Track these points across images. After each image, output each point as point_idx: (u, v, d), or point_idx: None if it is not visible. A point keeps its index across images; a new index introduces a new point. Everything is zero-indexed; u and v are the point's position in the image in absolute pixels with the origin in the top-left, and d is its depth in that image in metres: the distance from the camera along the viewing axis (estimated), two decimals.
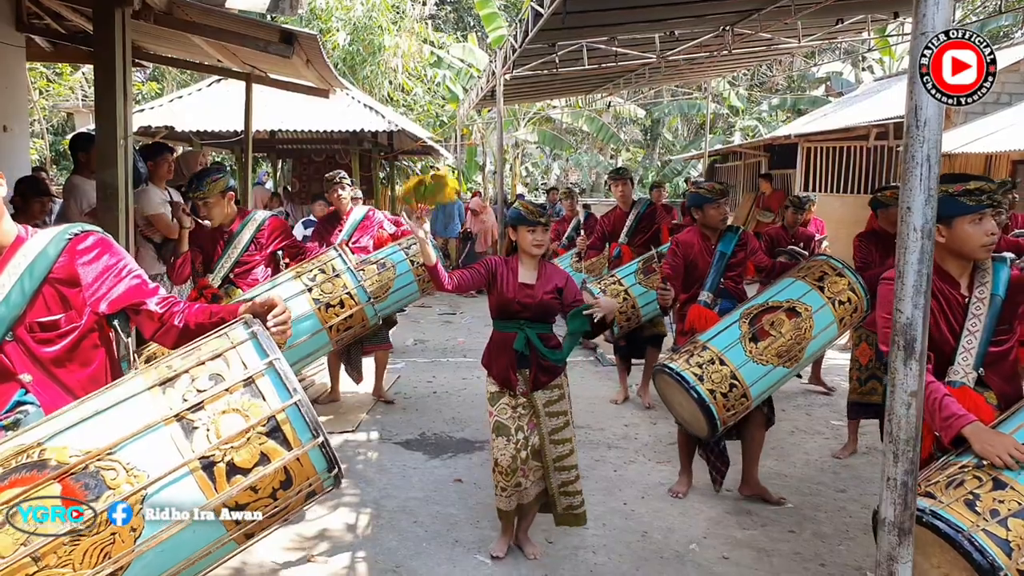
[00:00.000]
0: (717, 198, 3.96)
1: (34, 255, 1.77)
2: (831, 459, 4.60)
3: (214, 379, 1.57)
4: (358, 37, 16.00)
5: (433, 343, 8.04)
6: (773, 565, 3.32)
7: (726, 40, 7.55)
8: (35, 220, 4.46)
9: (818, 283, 3.57)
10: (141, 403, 1.54)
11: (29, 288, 1.75)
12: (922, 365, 1.75)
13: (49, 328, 1.78)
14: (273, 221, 4.00)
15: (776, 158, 14.04)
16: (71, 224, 1.88)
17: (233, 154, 12.75)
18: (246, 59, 6.04)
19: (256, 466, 1.51)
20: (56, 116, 16.74)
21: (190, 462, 1.48)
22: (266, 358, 1.60)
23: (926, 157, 1.68)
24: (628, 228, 5.72)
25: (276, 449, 1.53)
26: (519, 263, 3.23)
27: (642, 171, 25.10)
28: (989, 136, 8.90)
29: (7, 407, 1.73)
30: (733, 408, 3.32)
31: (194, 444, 1.49)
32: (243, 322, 1.71)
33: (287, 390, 1.56)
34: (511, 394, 3.22)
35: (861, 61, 20.00)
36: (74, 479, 1.44)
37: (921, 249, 1.72)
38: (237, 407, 1.53)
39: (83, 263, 1.82)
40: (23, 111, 6.31)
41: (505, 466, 3.17)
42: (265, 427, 1.53)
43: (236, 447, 1.51)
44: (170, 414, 1.51)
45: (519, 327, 3.18)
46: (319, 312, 3.63)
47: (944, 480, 1.91)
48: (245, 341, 1.64)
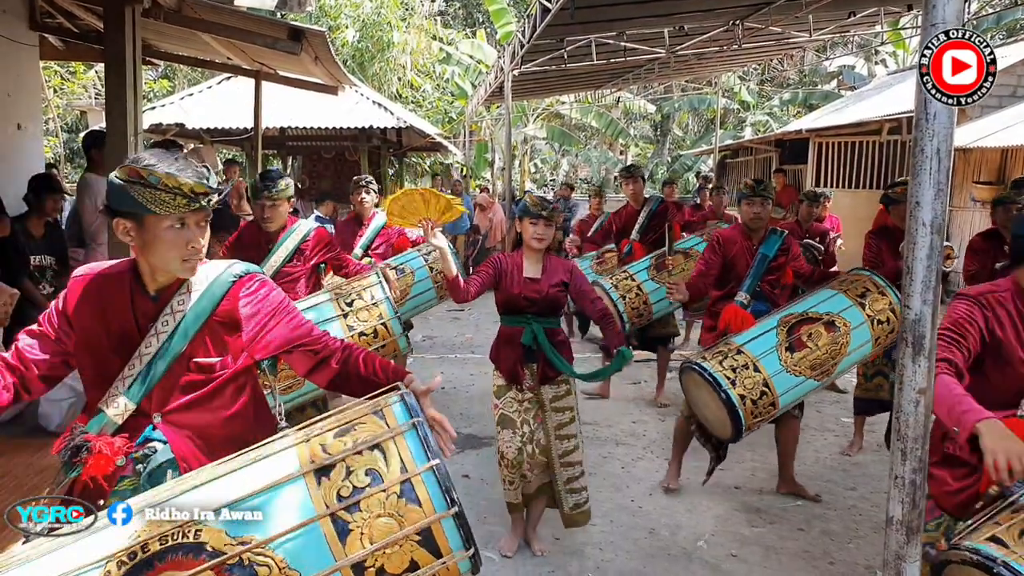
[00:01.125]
0: (748, 194, 3.87)
1: (201, 291, 1.74)
2: (841, 457, 4.57)
3: (371, 475, 1.49)
4: (367, 34, 16.04)
5: (441, 339, 8.06)
6: (782, 563, 3.31)
7: (736, 34, 7.50)
8: (47, 216, 4.51)
9: (860, 299, 3.51)
10: (297, 493, 1.48)
11: (193, 328, 1.72)
12: (931, 362, 1.73)
13: (205, 370, 1.74)
14: (319, 232, 3.90)
15: (787, 153, 13.94)
16: (233, 263, 1.82)
17: (243, 151, 12.80)
18: (255, 56, 6.06)
19: (405, 572, 1.45)
20: (70, 114, 16.85)
21: (343, 567, 1.43)
22: (426, 461, 1.50)
23: (935, 151, 1.66)
24: (640, 225, 5.66)
25: (427, 557, 1.46)
26: (523, 258, 3.22)
27: (652, 167, 24.99)
28: (1005, 129, 8.81)
29: (139, 439, 1.71)
30: (760, 415, 3.28)
31: (348, 547, 1.44)
32: (401, 401, 1.60)
33: (445, 500, 1.47)
34: (518, 388, 3.23)
35: (874, 55, 19.83)
36: (228, 570, 1.40)
37: (930, 244, 1.70)
38: (393, 512, 1.46)
39: (244, 304, 1.76)
40: (37, 109, 6.36)
41: (511, 458, 3.18)
42: (419, 535, 1.46)
43: (388, 553, 1.44)
44: (326, 512, 1.44)
45: (526, 321, 3.19)
46: (352, 340, 3.55)
47: (1017, 527, 1.72)
48: (404, 432, 1.55)
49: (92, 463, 1.64)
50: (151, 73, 15.55)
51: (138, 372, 1.69)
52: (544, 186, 24.38)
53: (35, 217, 4.43)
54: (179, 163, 1.64)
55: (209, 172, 1.67)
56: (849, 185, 11.78)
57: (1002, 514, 1.79)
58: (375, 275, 3.78)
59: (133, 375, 1.69)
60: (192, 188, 1.60)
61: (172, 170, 1.59)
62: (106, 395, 1.71)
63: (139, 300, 1.72)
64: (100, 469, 1.64)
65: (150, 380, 1.70)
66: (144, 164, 1.60)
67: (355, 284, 3.76)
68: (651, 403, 5.60)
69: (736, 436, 3.32)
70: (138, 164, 1.60)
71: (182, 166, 1.63)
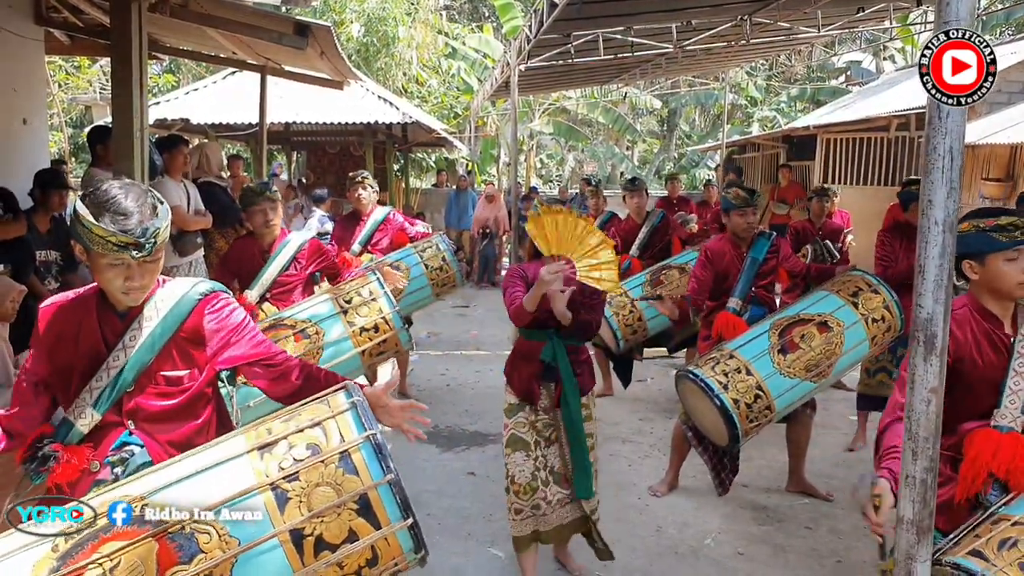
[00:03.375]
0: (741, 205, 3.81)
1: (167, 308, 1.81)
2: (847, 454, 4.56)
3: (311, 448, 1.56)
4: (372, 28, 16.00)
5: (446, 336, 8.05)
6: (789, 561, 3.30)
7: (744, 30, 7.45)
8: (54, 212, 4.51)
9: (852, 299, 3.50)
10: (240, 467, 1.55)
11: (160, 343, 1.79)
12: (943, 361, 1.71)
13: (174, 383, 1.82)
14: (313, 243, 3.97)
15: (795, 149, 13.87)
16: (199, 281, 1.91)
17: (248, 146, 12.82)
18: (261, 51, 6.05)
19: (344, 542, 1.50)
20: (75, 109, 16.87)
21: (281, 533, 1.48)
22: (363, 431, 1.58)
23: (948, 149, 1.64)
24: (640, 241, 5.57)
25: (365, 526, 1.51)
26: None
27: (658, 162, 24.92)
28: (1015, 126, 8.74)
29: (114, 445, 1.79)
30: (756, 420, 3.25)
31: (286, 515, 1.49)
32: (345, 390, 1.70)
33: (381, 467, 1.53)
34: (531, 408, 2.97)
35: (882, 50, 19.70)
36: (170, 539, 1.45)
37: (942, 243, 1.68)
38: (331, 480, 1.52)
39: (209, 321, 1.85)
40: (42, 104, 6.37)
41: (524, 483, 2.91)
42: (356, 503, 1.51)
43: (327, 521, 1.49)
44: (266, 482, 1.51)
45: (548, 337, 2.92)
46: (353, 336, 3.59)
47: (996, 538, 1.75)
48: (345, 411, 1.63)
49: (59, 471, 1.72)
50: (156, 67, 15.56)
51: (105, 384, 1.77)
52: (550, 181, 24.33)
53: (41, 212, 4.43)
54: (127, 200, 1.66)
55: (158, 216, 1.70)
56: (857, 182, 11.71)
57: (982, 526, 1.82)
58: (372, 273, 3.81)
59: (100, 387, 1.77)
60: (120, 241, 1.63)
61: (105, 222, 1.62)
62: (73, 405, 1.78)
63: (107, 318, 1.80)
64: (66, 476, 1.73)
65: (117, 392, 1.77)
66: (86, 204, 1.64)
67: (353, 283, 3.79)
68: (657, 402, 5.59)
69: (733, 442, 3.29)
70: (81, 205, 1.65)
71: (125, 208, 1.64)
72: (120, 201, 1.65)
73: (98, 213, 1.63)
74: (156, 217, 1.69)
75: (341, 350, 3.55)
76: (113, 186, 1.69)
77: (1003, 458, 1.97)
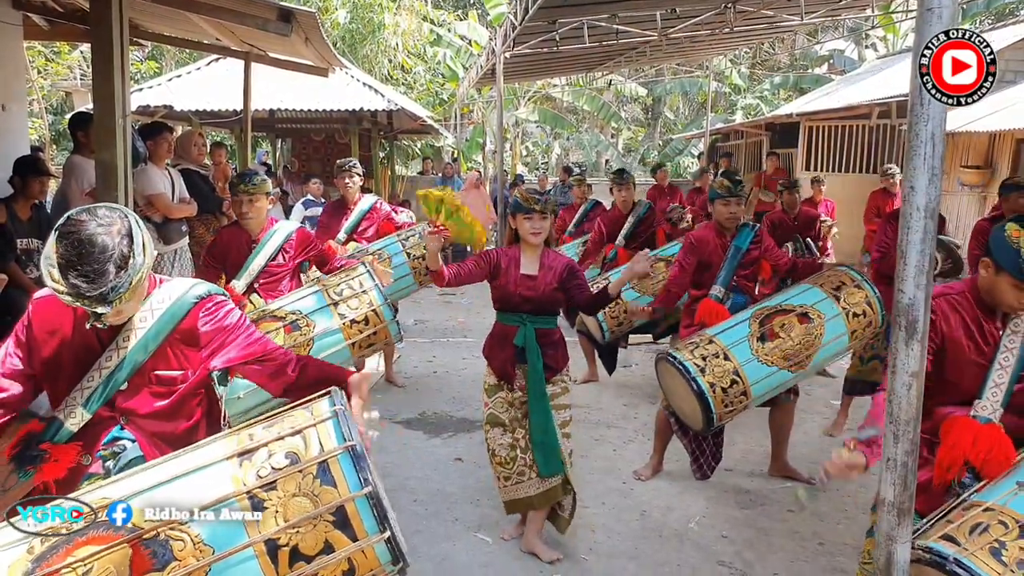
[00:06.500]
0: (725, 195, 3.83)
1: (163, 310, 1.81)
2: (828, 438, 4.62)
3: (290, 457, 1.54)
4: (357, 15, 15.86)
5: (433, 323, 8.05)
6: (772, 543, 3.35)
7: (728, 17, 7.47)
8: (34, 199, 4.45)
9: (835, 292, 3.53)
10: (219, 473, 1.54)
11: (154, 344, 1.79)
12: (923, 346, 1.75)
13: (167, 383, 1.83)
14: (301, 232, 3.97)
15: (778, 137, 13.95)
16: (196, 283, 1.90)
17: (232, 133, 12.68)
18: (244, 37, 5.98)
19: (320, 554, 1.49)
20: (55, 95, 16.61)
21: (256, 543, 1.47)
22: (344, 442, 1.56)
23: (930, 135, 1.67)
24: (626, 232, 5.61)
25: (342, 538, 1.50)
26: (521, 253, 3.13)
27: (643, 150, 24.95)
28: (993, 114, 8.83)
29: (106, 439, 1.79)
30: (731, 405, 3.29)
31: (262, 525, 1.48)
32: (328, 396, 1.69)
33: (359, 479, 1.52)
34: (508, 388, 3.15)
35: (864, 39, 19.80)
36: (144, 545, 1.45)
37: (924, 229, 1.70)
38: (308, 491, 1.51)
39: (204, 323, 1.85)
40: (21, 90, 6.26)
41: (503, 456, 3.13)
42: (333, 515, 1.50)
43: (302, 532, 1.48)
44: (243, 490, 1.50)
45: (520, 321, 3.10)
46: (344, 329, 3.58)
47: (968, 524, 1.81)
48: (327, 419, 1.61)
49: (47, 469, 1.73)
50: (138, 54, 15.32)
51: (97, 384, 1.76)
52: (536, 169, 24.29)
53: (21, 200, 4.37)
54: (96, 252, 1.58)
55: (128, 269, 1.62)
56: (839, 169, 11.82)
57: (954, 512, 1.88)
58: (362, 265, 3.80)
59: (92, 387, 1.77)
60: (83, 302, 1.59)
61: (70, 281, 1.56)
62: (63, 404, 1.77)
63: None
64: (53, 474, 1.73)
65: (108, 392, 1.77)
66: (57, 249, 1.58)
67: (343, 275, 3.78)
68: (642, 386, 5.63)
69: (707, 426, 3.33)
70: (51, 247, 1.59)
71: (90, 270, 1.57)
72: (88, 254, 1.57)
73: (66, 267, 1.57)
74: (125, 270, 1.61)
75: (331, 342, 3.54)
76: (86, 229, 1.59)
77: (981, 448, 2.04)
